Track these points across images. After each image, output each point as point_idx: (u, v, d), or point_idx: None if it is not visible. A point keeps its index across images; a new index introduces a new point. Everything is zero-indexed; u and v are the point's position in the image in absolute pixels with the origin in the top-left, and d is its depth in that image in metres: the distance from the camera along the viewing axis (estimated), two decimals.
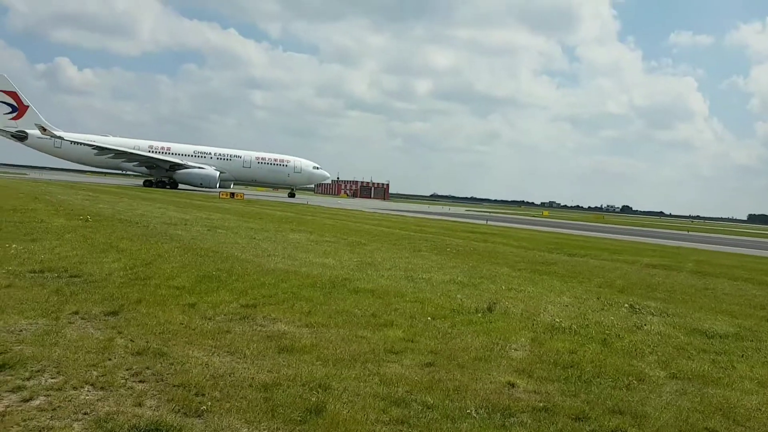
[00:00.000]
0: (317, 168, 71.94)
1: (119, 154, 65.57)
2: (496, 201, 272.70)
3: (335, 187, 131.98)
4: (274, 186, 78.98)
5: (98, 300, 7.45)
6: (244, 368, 5.36)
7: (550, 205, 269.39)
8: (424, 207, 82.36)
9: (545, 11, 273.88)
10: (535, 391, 5.38)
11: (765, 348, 7.78)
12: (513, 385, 5.48)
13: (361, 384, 5.18)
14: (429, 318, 7.92)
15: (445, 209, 78.37)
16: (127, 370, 5.11)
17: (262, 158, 69.98)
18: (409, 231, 25.40)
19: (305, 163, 70.87)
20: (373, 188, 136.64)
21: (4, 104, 68.06)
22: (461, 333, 7.28)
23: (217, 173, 65.44)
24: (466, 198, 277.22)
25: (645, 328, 8.43)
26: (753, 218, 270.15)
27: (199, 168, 65.70)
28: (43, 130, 65.49)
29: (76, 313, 6.80)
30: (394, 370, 5.61)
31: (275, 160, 70.05)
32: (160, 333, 6.24)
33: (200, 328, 6.54)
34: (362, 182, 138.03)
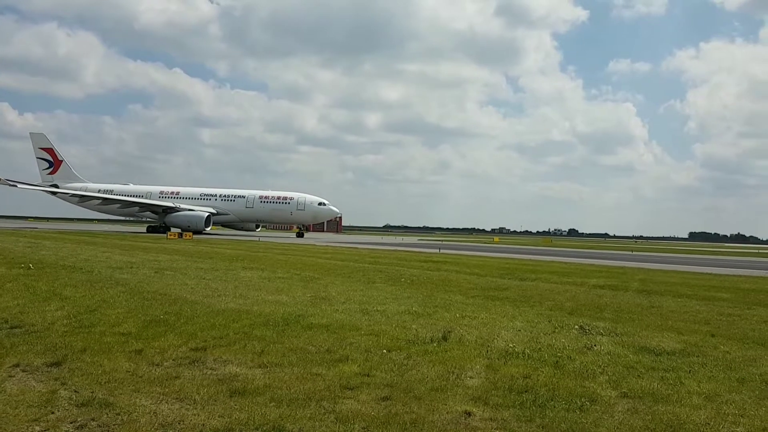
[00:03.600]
0: (323, 204, 66.02)
1: (108, 201, 64.37)
2: (448, 229, 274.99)
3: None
4: (279, 224, 75.53)
5: (40, 351, 7.17)
6: (194, 415, 5.21)
7: (500, 231, 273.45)
8: (377, 238, 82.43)
9: (490, 45, 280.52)
10: (491, 419, 5.40)
11: (711, 363, 8.00)
12: (469, 414, 5.48)
13: (317, 423, 5.10)
14: (384, 350, 7.88)
15: (399, 239, 78.60)
16: (71, 423, 4.91)
17: (265, 197, 65.52)
18: (363, 263, 25.35)
19: (309, 199, 65.09)
20: (325, 221, 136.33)
21: (43, 161, 68.94)
22: (417, 364, 7.28)
23: (205, 214, 61.94)
24: (419, 227, 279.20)
25: (595, 348, 8.59)
26: (694, 236, 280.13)
27: (189, 210, 63.12)
28: None
29: (17, 365, 6.53)
30: (349, 407, 5.55)
31: (278, 198, 65.36)
32: (105, 382, 6.03)
33: (147, 375, 6.34)
34: None
